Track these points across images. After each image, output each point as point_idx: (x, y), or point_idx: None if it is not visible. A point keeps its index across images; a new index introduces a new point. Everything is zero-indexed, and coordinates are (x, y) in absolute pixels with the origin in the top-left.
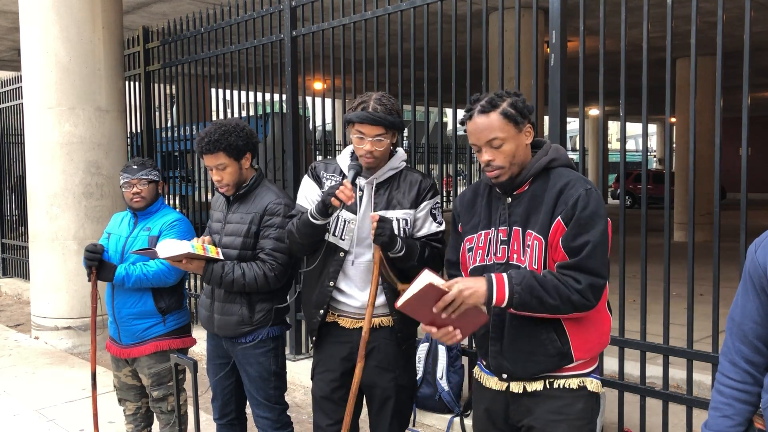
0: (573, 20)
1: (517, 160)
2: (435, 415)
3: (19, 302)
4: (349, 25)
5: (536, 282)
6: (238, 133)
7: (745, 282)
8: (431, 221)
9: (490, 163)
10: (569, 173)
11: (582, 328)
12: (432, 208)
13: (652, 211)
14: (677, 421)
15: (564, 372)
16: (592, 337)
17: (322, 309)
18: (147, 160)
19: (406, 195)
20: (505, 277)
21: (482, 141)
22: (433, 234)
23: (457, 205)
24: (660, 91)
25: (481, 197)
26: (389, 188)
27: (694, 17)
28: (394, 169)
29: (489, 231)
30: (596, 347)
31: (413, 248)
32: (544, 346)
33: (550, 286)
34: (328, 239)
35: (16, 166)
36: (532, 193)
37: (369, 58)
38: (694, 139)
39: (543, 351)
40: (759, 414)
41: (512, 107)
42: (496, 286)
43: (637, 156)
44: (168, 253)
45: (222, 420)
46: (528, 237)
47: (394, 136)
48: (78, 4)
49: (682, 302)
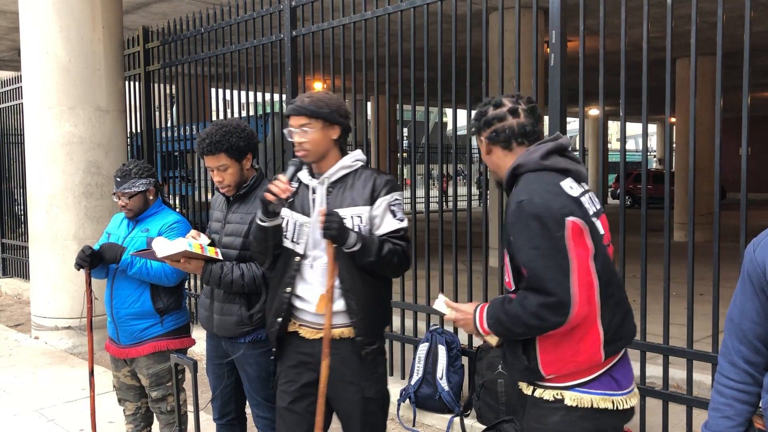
0: (573, 20)
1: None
2: (435, 415)
3: (19, 302)
4: (349, 25)
5: (502, 313)
6: (239, 134)
7: (744, 282)
8: (390, 217)
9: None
10: (524, 181)
11: (554, 344)
12: (390, 204)
13: (652, 211)
14: (677, 421)
15: (544, 383)
16: (565, 355)
17: (280, 317)
18: (133, 168)
19: (360, 193)
20: (485, 310)
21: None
22: (394, 231)
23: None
24: (660, 91)
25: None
26: (343, 187)
27: (694, 17)
28: (346, 168)
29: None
30: (570, 365)
31: (370, 243)
32: (517, 357)
33: (512, 315)
34: (285, 245)
35: (16, 166)
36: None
37: (369, 58)
38: (694, 139)
39: (516, 364)
40: (759, 414)
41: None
42: (478, 320)
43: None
44: (165, 252)
45: (222, 420)
46: (504, 257)
47: (332, 130)
48: (78, 4)
49: (682, 302)
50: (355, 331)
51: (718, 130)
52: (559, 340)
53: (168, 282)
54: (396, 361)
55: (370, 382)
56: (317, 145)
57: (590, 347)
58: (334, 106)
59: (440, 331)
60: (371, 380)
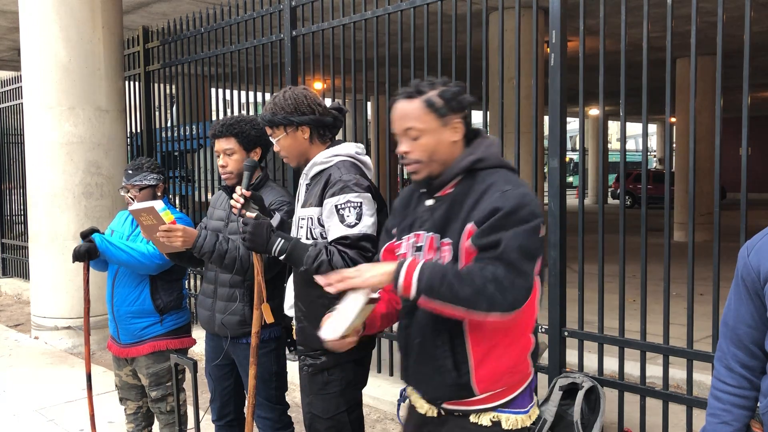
0: (573, 20)
1: (438, 157)
2: None
3: (19, 302)
4: (349, 25)
5: (451, 270)
6: (252, 125)
7: (738, 286)
8: (336, 222)
9: (404, 156)
10: (495, 175)
11: (491, 355)
12: (338, 208)
13: (652, 211)
14: (677, 421)
15: (471, 405)
16: (501, 367)
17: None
18: (146, 163)
19: (315, 192)
20: (420, 262)
21: (399, 129)
22: (341, 238)
23: (395, 202)
24: (660, 91)
25: (416, 198)
26: (316, 184)
27: (694, 17)
28: (319, 165)
29: (410, 236)
30: (508, 380)
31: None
32: (441, 372)
33: (466, 273)
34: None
35: (16, 166)
36: (453, 197)
37: (369, 58)
38: (694, 139)
39: (440, 377)
40: (755, 418)
41: (440, 96)
42: (407, 268)
43: (637, 156)
44: (139, 206)
45: (220, 421)
46: (443, 246)
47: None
48: (78, 4)
49: (682, 302)
50: (297, 340)
51: (718, 130)
52: (498, 350)
53: (150, 264)
54: (396, 361)
55: (316, 399)
56: (290, 150)
57: (523, 356)
58: (289, 107)
59: None
60: (318, 396)
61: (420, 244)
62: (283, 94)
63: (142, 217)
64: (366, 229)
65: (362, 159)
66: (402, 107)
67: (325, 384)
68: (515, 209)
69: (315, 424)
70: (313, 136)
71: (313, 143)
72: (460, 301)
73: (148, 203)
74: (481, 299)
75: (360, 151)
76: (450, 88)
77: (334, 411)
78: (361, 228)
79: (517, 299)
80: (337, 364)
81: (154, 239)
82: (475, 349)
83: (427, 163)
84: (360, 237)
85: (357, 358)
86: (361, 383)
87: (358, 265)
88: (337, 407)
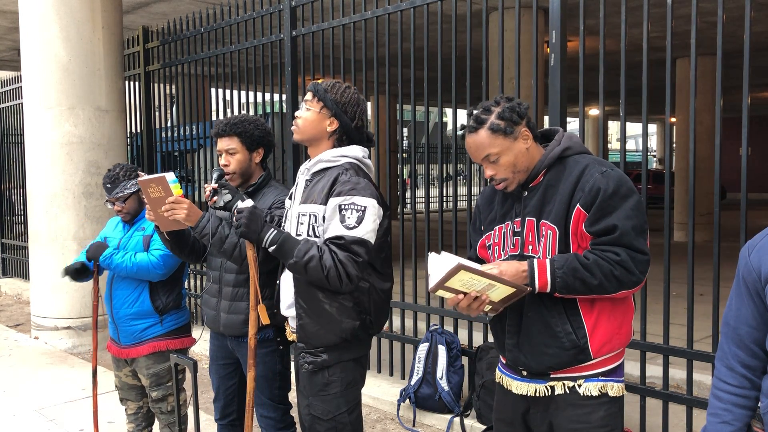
0: (573, 20)
1: (521, 167)
2: (435, 415)
3: (19, 302)
4: (349, 25)
5: (578, 263)
6: (256, 124)
7: (739, 286)
8: (337, 221)
9: (493, 177)
10: (585, 159)
11: (602, 318)
12: (342, 207)
13: (652, 211)
14: (677, 421)
15: (583, 371)
16: (613, 329)
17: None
18: (120, 171)
19: (320, 190)
20: (548, 262)
21: (479, 159)
22: (335, 237)
23: (479, 201)
24: (660, 91)
25: (499, 192)
26: (318, 181)
27: (694, 17)
28: (325, 162)
29: (503, 225)
30: (617, 342)
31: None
32: (559, 339)
33: (592, 263)
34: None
35: (16, 166)
36: (546, 183)
37: (369, 58)
38: (694, 139)
39: (558, 344)
40: (756, 417)
41: (500, 118)
42: (538, 270)
43: (637, 156)
44: (147, 177)
45: (223, 420)
46: (542, 227)
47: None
48: (78, 4)
49: (682, 302)
50: (297, 337)
51: (718, 130)
52: (608, 314)
53: (155, 273)
54: (396, 361)
55: (317, 400)
56: (308, 126)
57: (629, 321)
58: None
59: (440, 331)
60: (319, 398)
61: (519, 230)
62: (346, 88)
63: (151, 188)
64: (364, 234)
65: (366, 162)
66: (473, 141)
67: (326, 385)
68: (617, 188)
69: (315, 425)
70: (334, 134)
71: (329, 139)
72: (593, 289)
73: (159, 174)
74: (611, 283)
75: (365, 154)
76: (504, 106)
77: (335, 412)
78: (358, 232)
79: (642, 273)
80: (338, 362)
81: (157, 215)
82: (587, 316)
83: (513, 177)
84: (354, 240)
85: (357, 356)
86: (360, 382)
87: (348, 268)
88: (337, 408)
